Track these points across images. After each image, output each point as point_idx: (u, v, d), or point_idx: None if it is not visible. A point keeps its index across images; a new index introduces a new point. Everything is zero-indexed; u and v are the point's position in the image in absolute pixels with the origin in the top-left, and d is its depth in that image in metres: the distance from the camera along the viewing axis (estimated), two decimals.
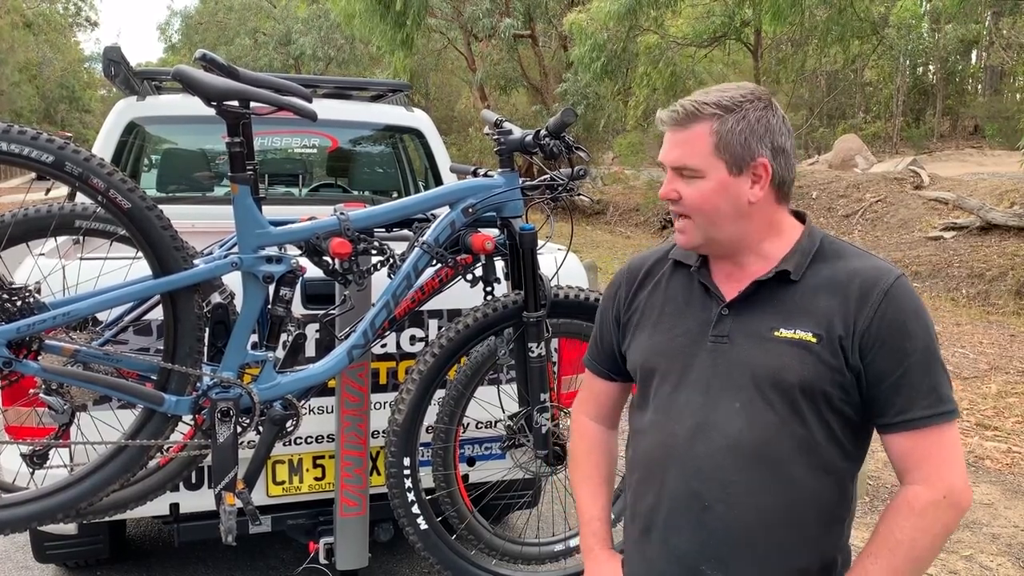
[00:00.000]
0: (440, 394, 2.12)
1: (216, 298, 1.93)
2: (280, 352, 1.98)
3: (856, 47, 13.87)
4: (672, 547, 1.34)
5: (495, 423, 2.44)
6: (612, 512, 1.59)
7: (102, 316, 2.00)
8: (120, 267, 2.01)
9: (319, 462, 2.52)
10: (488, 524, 2.28)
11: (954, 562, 3.23)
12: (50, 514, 1.81)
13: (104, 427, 2.09)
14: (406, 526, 2.10)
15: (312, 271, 2.01)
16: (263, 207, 1.91)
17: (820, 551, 1.31)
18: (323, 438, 2.47)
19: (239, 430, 1.88)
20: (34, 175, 1.73)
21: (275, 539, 3.12)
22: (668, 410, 1.37)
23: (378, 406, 2.35)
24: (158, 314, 1.97)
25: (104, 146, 3.46)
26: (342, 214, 1.96)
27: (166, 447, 2.01)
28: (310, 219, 1.96)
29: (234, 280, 1.91)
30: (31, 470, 1.92)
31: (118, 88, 3.64)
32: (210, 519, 2.42)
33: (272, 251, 1.89)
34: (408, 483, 2.07)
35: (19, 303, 1.72)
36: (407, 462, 2.06)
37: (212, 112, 1.80)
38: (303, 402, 2.00)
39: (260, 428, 1.95)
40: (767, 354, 1.28)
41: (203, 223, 3.12)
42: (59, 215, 2.05)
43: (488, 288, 2.13)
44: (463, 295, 2.19)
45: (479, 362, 2.12)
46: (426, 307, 2.25)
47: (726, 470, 1.29)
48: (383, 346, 2.43)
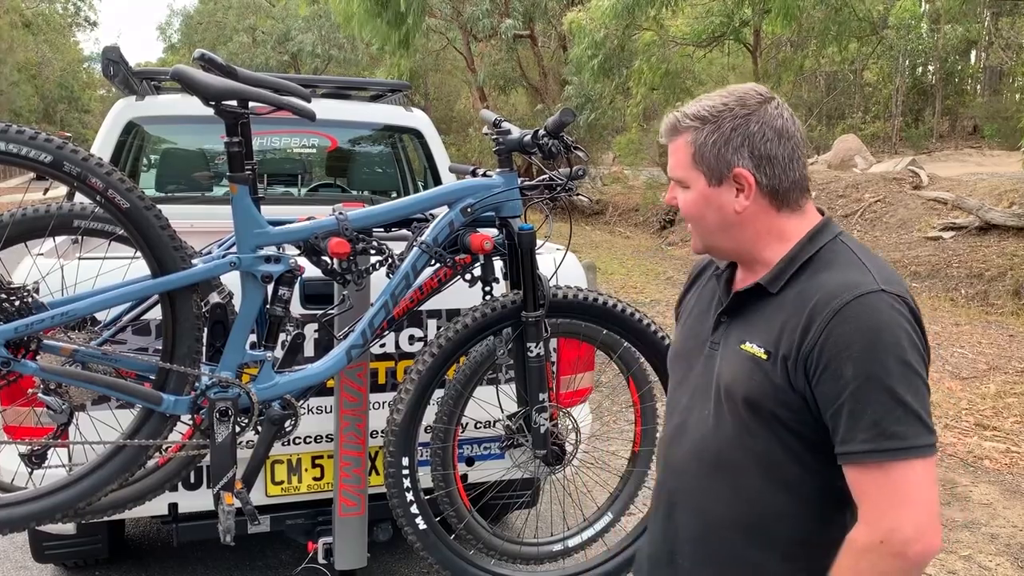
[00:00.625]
0: (439, 394, 2.12)
1: (215, 298, 1.92)
2: (279, 352, 1.98)
3: (855, 47, 13.87)
4: (654, 531, 1.45)
5: (494, 423, 2.44)
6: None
7: (100, 316, 2.00)
8: (118, 267, 2.01)
9: (318, 462, 2.52)
10: (487, 524, 2.28)
11: (952, 562, 3.23)
12: (49, 514, 1.81)
13: (102, 427, 2.09)
14: (405, 526, 2.10)
15: (311, 271, 2.01)
16: (262, 207, 1.91)
17: (795, 573, 1.26)
18: (322, 438, 2.47)
19: (238, 430, 1.88)
20: (33, 175, 1.73)
21: (274, 539, 3.13)
22: (670, 407, 1.45)
23: (377, 406, 2.35)
24: (157, 314, 1.97)
25: (103, 146, 3.47)
26: (341, 214, 1.96)
27: (164, 447, 2.01)
28: (309, 219, 1.96)
29: (233, 280, 1.91)
30: (30, 470, 1.92)
31: (117, 88, 3.65)
32: (209, 519, 2.42)
33: (271, 251, 1.88)
34: (407, 483, 2.07)
35: (17, 303, 1.71)
36: (406, 462, 2.06)
37: (211, 112, 1.80)
38: (302, 402, 2.00)
39: (259, 428, 1.95)
40: (730, 365, 1.29)
41: (202, 223, 3.12)
42: (57, 215, 2.05)
43: (487, 288, 2.13)
44: (462, 295, 2.20)
45: (478, 362, 2.12)
46: (425, 307, 2.25)
47: (690, 474, 1.35)
48: (382, 346, 2.43)
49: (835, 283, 1.19)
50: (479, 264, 2.13)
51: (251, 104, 1.81)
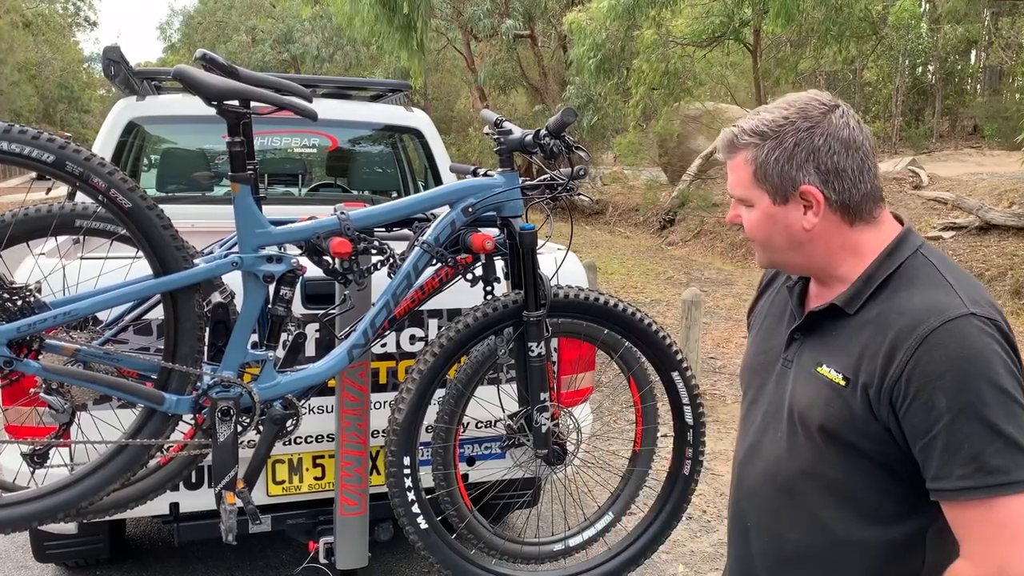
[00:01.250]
0: (440, 393, 2.12)
1: (216, 297, 1.93)
2: (280, 352, 1.98)
3: (855, 47, 13.87)
4: (732, 553, 1.41)
5: (495, 422, 2.44)
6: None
7: (102, 315, 2.00)
8: (120, 266, 2.01)
9: (319, 461, 2.52)
10: (488, 523, 2.28)
11: None
12: (50, 513, 1.81)
13: (104, 426, 2.09)
14: (406, 525, 2.10)
15: (312, 271, 2.01)
16: (263, 207, 1.92)
17: None
18: (323, 437, 2.47)
19: (239, 429, 1.88)
20: (34, 175, 1.73)
21: (275, 539, 3.13)
22: (744, 425, 1.39)
23: (378, 405, 2.35)
24: (158, 313, 1.97)
25: (104, 146, 3.47)
26: (342, 213, 1.96)
27: (166, 446, 2.01)
28: (310, 219, 1.96)
29: (234, 279, 1.91)
30: (31, 469, 1.92)
31: (118, 88, 3.65)
32: (210, 518, 2.43)
33: (272, 251, 1.89)
34: (408, 482, 2.07)
35: (20, 302, 1.71)
36: (407, 461, 2.06)
37: (212, 112, 1.80)
38: (303, 401, 2.01)
39: (260, 427, 1.96)
40: (805, 388, 1.22)
41: (203, 223, 3.12)
42: (59, 215, 2.05)
43: (488, 287, 2.13)
44: (463, 295, 2.20)
45: (479, 361, 2.12)
46: (426, 307, 2.25)
47: (762, 497, 1.29)
48: (383, 346, 2.43)
49: (920, 306, 1.12)
50: (480, 264, 2.13)
51: (253, 104, 1.82)
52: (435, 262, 2.05)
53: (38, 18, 41.09)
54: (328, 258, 1.96)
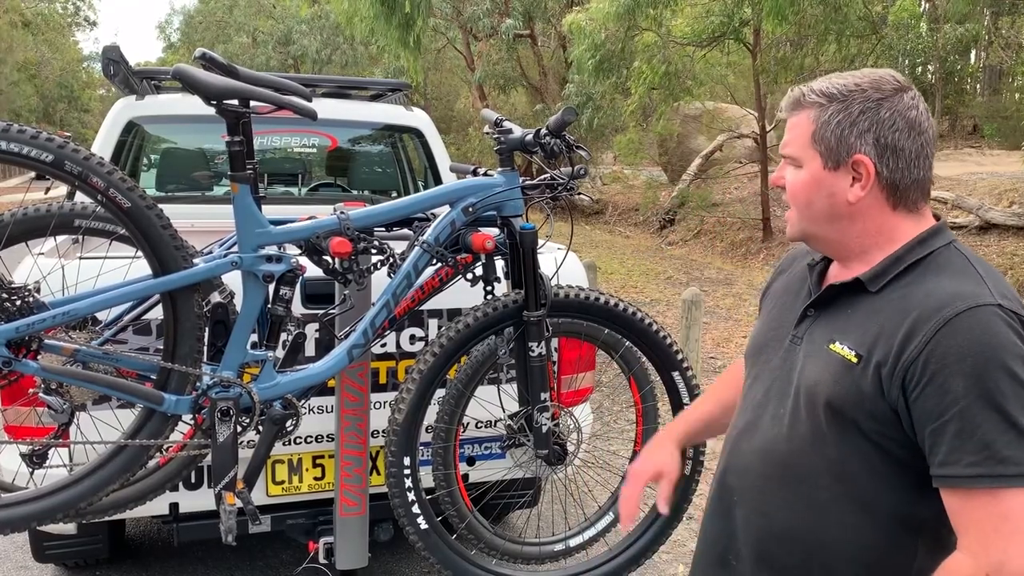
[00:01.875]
0: (440, 393, 2.12)
1: (216, 297, 1.92)
2: (280, 352, 1.98)
3: (854, 46, 13.86)
4: (707, 530, 1.39)
5: (495, 422, 2.44)
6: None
7: (101, 315, 2.00)
8: (120, 266, 2.00)
9: (319, 462, 2.52)
10: (488, 524, 2.27)
11: None
12: (50, 514, 1.81)
13: (104, 427, 2.09)
14: (406, 525, 2.10)
15: (312, 270, 2.01)
16: (262, 206, 1.91)
17: None
18: (323, 438, 2.47)
19: (239, 429, 1.88)
20: (33, 174, 1.73)
21: (275, 539, 3.12)
22: (743, 400, 1.37)
23: (378, 405, 2.34)
24: (158, 313, 1.97)
25: (103, 145, 3.47)
26: (342, 213, 1.96)
27: (166, 447, 2.01)
28: (310, 218, 1.96)
29: (234, 279, 1.91)
30: (30, 470, 1.92)
31: (117, 87, 3.65)
32: (210, 519, 2.43)
33: (272, 250, 1.88)
34: (408, 483, 2.07)
35: (18, 302, 1.71)
36: (407, 461, 2.06)
37: (212, 111, 1.80)
38: (303, 402, 2.00)
39: (260, 427, 1.95)
40: (814, 365, 1.20)
41: (202, 222, 3.12)
42: (58, 214, 2.05)
43: (488, 287, 2.13)
44: (463, 294, 2.19)
45: (479, 361, 2.12)
46: (426, 306, 2.24)
47: (754, 474, 1.28)
48: (383, 345, 2.43)
49: (946, 291, 1.10)
50: (480, 263, 2.12)
51: (252, 103, 1.81)
52: (435, 262, 2.05)
53: (38, 18, 41.12)
54: (328, 258, 1.95)
